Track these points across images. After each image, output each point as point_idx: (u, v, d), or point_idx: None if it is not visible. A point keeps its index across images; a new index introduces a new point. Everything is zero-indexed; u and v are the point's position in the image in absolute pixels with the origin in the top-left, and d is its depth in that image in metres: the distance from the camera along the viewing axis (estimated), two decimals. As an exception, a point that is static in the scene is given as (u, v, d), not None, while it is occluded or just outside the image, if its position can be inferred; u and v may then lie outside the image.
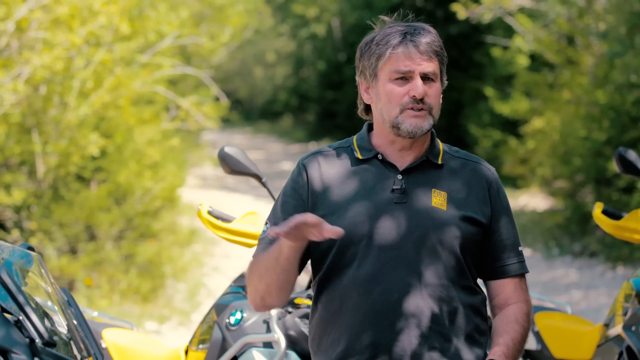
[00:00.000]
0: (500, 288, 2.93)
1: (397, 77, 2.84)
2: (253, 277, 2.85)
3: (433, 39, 2.86)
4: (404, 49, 2.83)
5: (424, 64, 2.83)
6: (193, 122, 12.68)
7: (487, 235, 2.91)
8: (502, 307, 2.92)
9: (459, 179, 2.92)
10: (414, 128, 2.84)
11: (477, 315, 2.89)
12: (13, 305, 2.57)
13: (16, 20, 8.58)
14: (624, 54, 10.62)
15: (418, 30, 2.87)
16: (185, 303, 9.75)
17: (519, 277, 2.94)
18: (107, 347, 4.23)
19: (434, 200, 2.86)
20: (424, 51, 2.83)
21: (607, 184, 11.62)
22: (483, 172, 2.95)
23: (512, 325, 2.86)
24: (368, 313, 2.80)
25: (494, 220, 2.92)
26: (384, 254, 2.80)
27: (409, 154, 2.90)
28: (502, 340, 2.83)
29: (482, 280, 2.98)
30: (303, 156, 2.98)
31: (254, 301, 2.88)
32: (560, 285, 10.10)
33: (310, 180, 2.90)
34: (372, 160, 2.91)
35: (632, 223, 4.25)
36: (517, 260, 2.94)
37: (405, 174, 2.88)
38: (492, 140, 16.52)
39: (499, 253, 2.92)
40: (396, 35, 2.85)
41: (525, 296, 2.93)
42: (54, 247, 9.33)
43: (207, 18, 17.24)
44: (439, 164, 2.92)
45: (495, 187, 2.95)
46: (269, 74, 33.21)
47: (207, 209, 3.98)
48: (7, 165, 9.37)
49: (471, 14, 14.42)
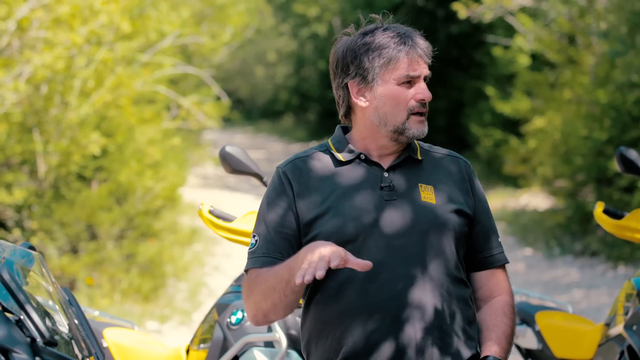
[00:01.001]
0: (485, 280, 2.96)
1: (404, 81, 2.86)
2: (255, 295, 2.81)
3: (426, 43, 2.91)
4: (413, 52, 2.86)
5: (425, 67, 2.89)
6: (194, 122, 12.68)
7: (472, 227, 2.94)
8: (486, 300, 2.94)
9: (440, 172, 2.95)
10: (420, 133, 2.88)
11: (469, 308, 2.90)
12: (14, 304, 2.57)
13: (17, 20, 8.58)
14: (625, 53, 10.62)
15: (411, 33, 2.89)
16: (186, 302, 9.75)
17: (501, 267, 2.98)
18: (108, 347, 4.23)
19: (422, 195, 2.88)
20: (424, 54, 2.88)
21: (608, 184, 11.61)
22: (460, 165, 2.99)
23: (501, 319, 2.89)
24: (367, 311, 2.80)
25: (477, 212, 2.96)
26: (380, 252, 2.80)
27: (391, 153, 2.93)
28: (494, 336, 2.86)
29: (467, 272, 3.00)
30: (280, 164, 2.96)
31: (255, 317, 2.85)
32: (561, 285, 10.10)
33: (293, 185, 2.88)
34: (354, 160, 2.92)
35: (633, 222, 4.25)
36: (499, 250, 2.98)
37: (391, 171, 2.90)
38: (493, 139, 16.52)
39: (482, 244, 2.96)
40: (398, 38, 2.86)
41: (507, 287, 2.97)
42: (55, 246, 9.33)
43: (208, 17, 17.24)
44: (419, 159, 2.95)
45: (474, 179, 3.00)
46: (270, 74, 33.22)
47: (208, 208, 3.98)
48: (8, 164, 9.37)
49: (472, 13, 14.42)
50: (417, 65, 2.85)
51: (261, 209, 2.92)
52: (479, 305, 2.95)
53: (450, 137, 18.31)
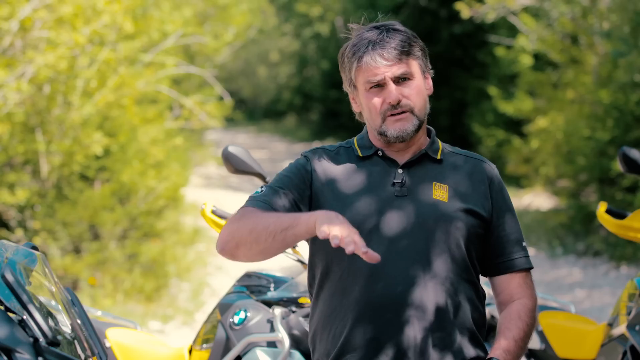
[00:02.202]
0: (505, 284, 2.94)
1: (372, 87, 2.86)
2: (239, 224, 2.76)
3: (400, 39, 2.86)
4: (371, 59, 2.84)
5: (393, 68, 2.84)
6: (197, 121, 12.68)
7: (490, 231, 2.92)
8: (506, 304, 2.92)
9: (459, 174, 2.94)
10: (399, 132, 2.87)
11: (477, 311, 2.89)
12: (17, 304, 2.57)
13: (20, 20, 8.58)
14: (627, 53, 10.62)
15: (383, 35, 2.86)
16: (189, 302, 9.75)
17: (523, 272, 2.95)
18: (111, 347, 4.23)
19: (434, 193, 2.88)
20: (390, 57, 2.84)
21: (610, 184, 11.61)
22: (484, 168, 2.97)
23: (514, 322, 2.86)
24: (371, 306, 2.80)
25: (496, 216, 2.93)
26: (386, 247, 2.81)
27: (407, 151, 2.94)
28: (504, 338, 2.83)
29: (487, 277, 2.98)
30: (305, 150, 3.00)
31: (227, 244, 2.78)
32: (564, 285, 10.09)
33: (314, 170, 2.92)
34: (372, 157, 2.94)
35: (635, 222, 4.24)
36: (522, 255, 2.95)
37: (406, 168, 2.91)
38: (496, 139, 16.52)
39: (502, 248, 2.94)
40: (361, 45, 2.86)
41: (529, 292, 2.93)
42: (58, 246, 9.33)
43: (210, 17, 17.26)
44: (438, 158, 2.95)
45: (497, 183, 2.97)
46: (272, 73, 33.24)
47: (211, 208, 3.98)
48: (11, 164, 9.37)
49: (475, 13, 14.41)
50: (376, 70, 2.83)
51: (277, 174, 2.96)
52: (501, 309, 2.93)
53: (453, 137, 18.30)
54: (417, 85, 2.88)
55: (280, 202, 2.85)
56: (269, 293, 3.97)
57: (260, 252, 2.75)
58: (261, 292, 4.02)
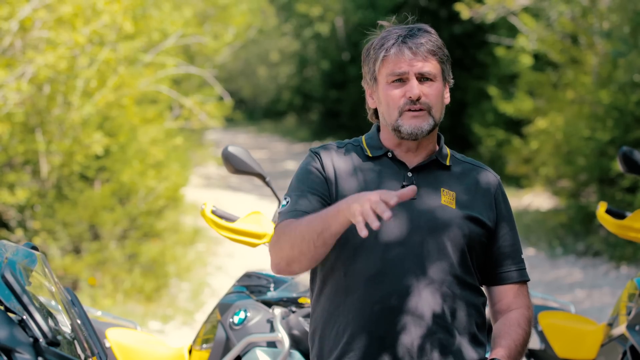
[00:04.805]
0: (502, 294, 2.97)
1: (394, 80, 2.87)
2: (281, 242, 2.78)
3: (429, 39, 2.89)
4: (397, 51, 2.85)
5: (419, 64, 2.85)
6: (197, 122, 12.68)
7: (491, 241, 2.94)
8: (503, 313, 2.95)
9: (466, 182, 2.96)
10: (413, 129, 2.87)
11: (479, 315, 2.91)
12: (17, 304, 2.58)
13: (20, 20, 8.58)
14: (627, 53, 10.61)
15: (414, 31, 2.89)
16: (189, 302, 9.75)
17: (520, 283, 2.98)
18: (110, 347, 4.23)
19: (442, 198, 2.89)
20: (417, 52, 2.85)
21: (610, 184, 11.61)
22: (489, 178, 2.99)
23: (514, 328, 2.89)
24: (373, 307, 2.81)
25: (499, 227, 2.96)
26: (392, 249, 2.82)
27: (417, 154, 2.94)
28: (504, 342, 2.85)
29: (484, 285, 3.01)
30: (313, 147, 3.01)
31: (278, 265, 2.81)
32: (564, 285, 10.09)
33: (323, 166, 2.93)
34: (382, 158, 2.95)
35: (635, 222, 4.24)
36: (520, 267, 2.98)
37: (415, 172, 2.92)
38: (496, 139, 16.52)
39: (502, 259, 2.96)
40: (391, 38, 2.88)
41: (526, 302, 2.96)
42: (58, 246, 9.33)
43: (210, 17, 17.26)
44: (447, 165, 2.96)
45: (501, 194, 3.00)
46: (272, 74, 33.24)
47: (211, 208, 3.98)
48: (10, 164, 9.37)
49: (475, 13, 14.41)
50: (403, 63, 2.85)
51: (292, 181, 2.95)
52: (497, 318, 2.96)
53: (453, 137, 18.29)
54: (438, 88, 2.89)
55: (309, 204, 2.85)
56: (269, 293, 3.98)
57: (312, 259, 2.76)
58: (261, 292, 4.02)
